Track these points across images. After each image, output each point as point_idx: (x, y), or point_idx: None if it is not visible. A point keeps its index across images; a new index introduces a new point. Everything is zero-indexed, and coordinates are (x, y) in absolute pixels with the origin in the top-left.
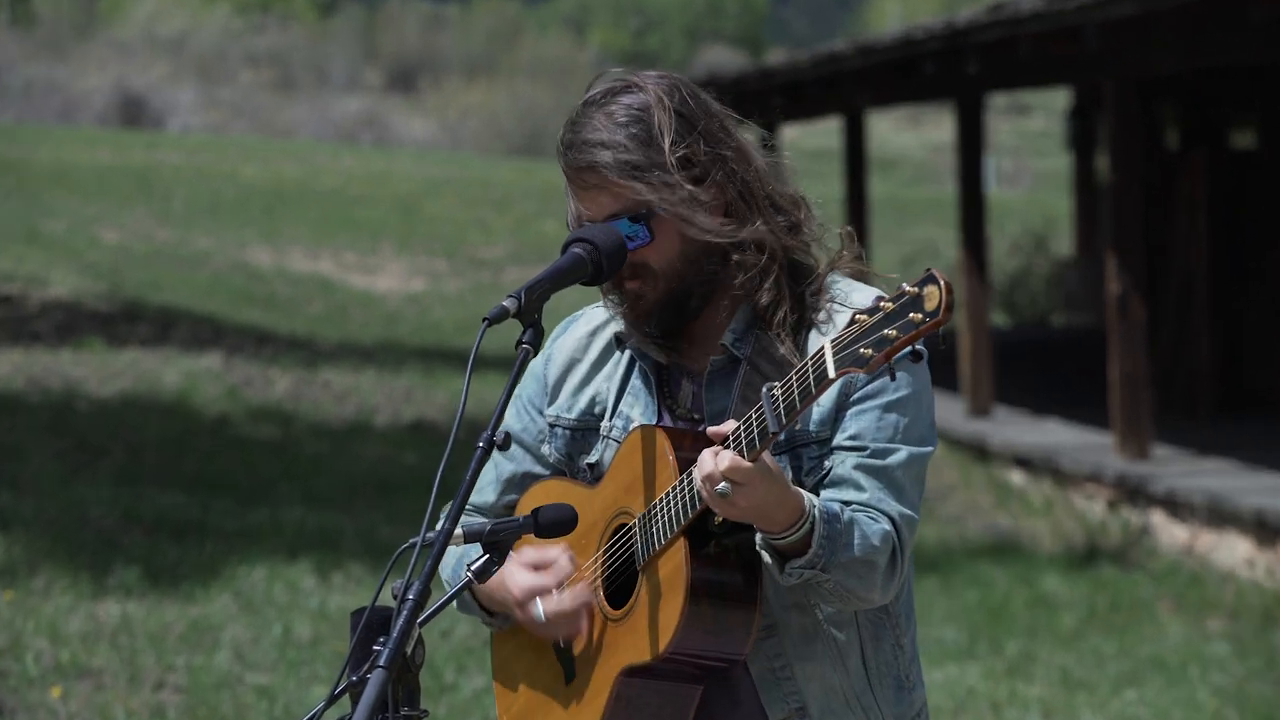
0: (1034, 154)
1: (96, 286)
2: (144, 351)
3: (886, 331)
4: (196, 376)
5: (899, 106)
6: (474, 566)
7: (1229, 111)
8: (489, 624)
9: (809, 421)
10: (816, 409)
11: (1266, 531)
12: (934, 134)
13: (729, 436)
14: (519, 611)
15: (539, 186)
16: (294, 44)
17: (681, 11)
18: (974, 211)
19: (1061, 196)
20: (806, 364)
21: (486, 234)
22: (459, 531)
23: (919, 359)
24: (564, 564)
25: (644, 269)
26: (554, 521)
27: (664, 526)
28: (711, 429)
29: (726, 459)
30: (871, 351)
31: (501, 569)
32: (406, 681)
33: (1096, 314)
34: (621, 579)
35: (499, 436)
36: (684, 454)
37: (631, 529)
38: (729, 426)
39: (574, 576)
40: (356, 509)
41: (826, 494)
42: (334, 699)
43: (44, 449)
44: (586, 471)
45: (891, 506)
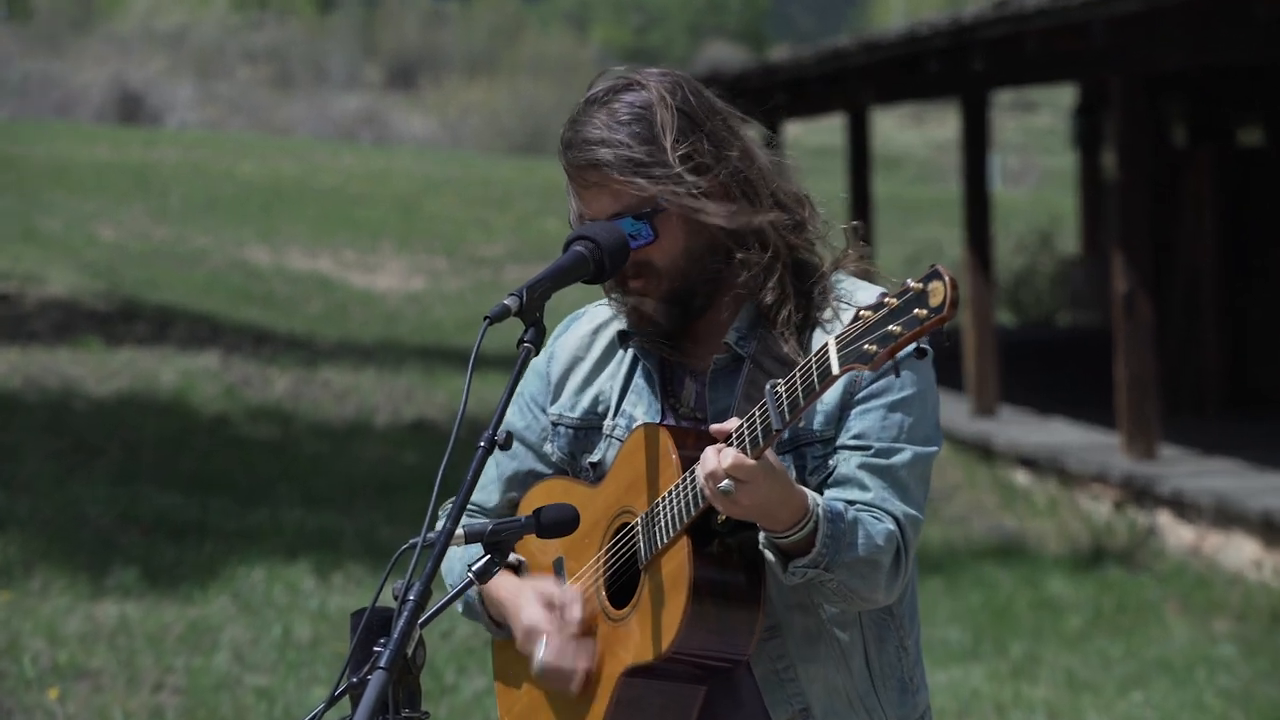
0: (1040, 151)
1: (94, 285)
2: (141, 350)
3: (891, 328)
4: (194, 376)
5: (903, 104)
6: (475, 567)
7: (1236, 109)
8: (496, 634)
9: (813, 420)
10: (820, 408)
11: (1274, 532)
12: (939, 131)
13: (732, 434)
14: (519, 638)
15: (540, 185)
16: (293, 40)
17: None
18: (979, 210)
19: (1067, 194)
20: (810, 361)
21: (487, 232)
22: (460, 532)
23: (924, 355)
24: (574, 614)
25: (648, 268)
26: (556, 521)
27: (667, 525)
28: (714, 426)
29: (729, 456)
30: (876, 348)
31: (517, 589)
32: (407, 683)
33: (1102, 313)
34: (624, 579)
35: (500, 436)
36: (687, 452)
37: (634, 528)
38: (732, 424)
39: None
40: (356, 509)
41: (830, 493)
42: (334, 700)
43: (41, 448)
44: (589, 471)
45: (896, 506)
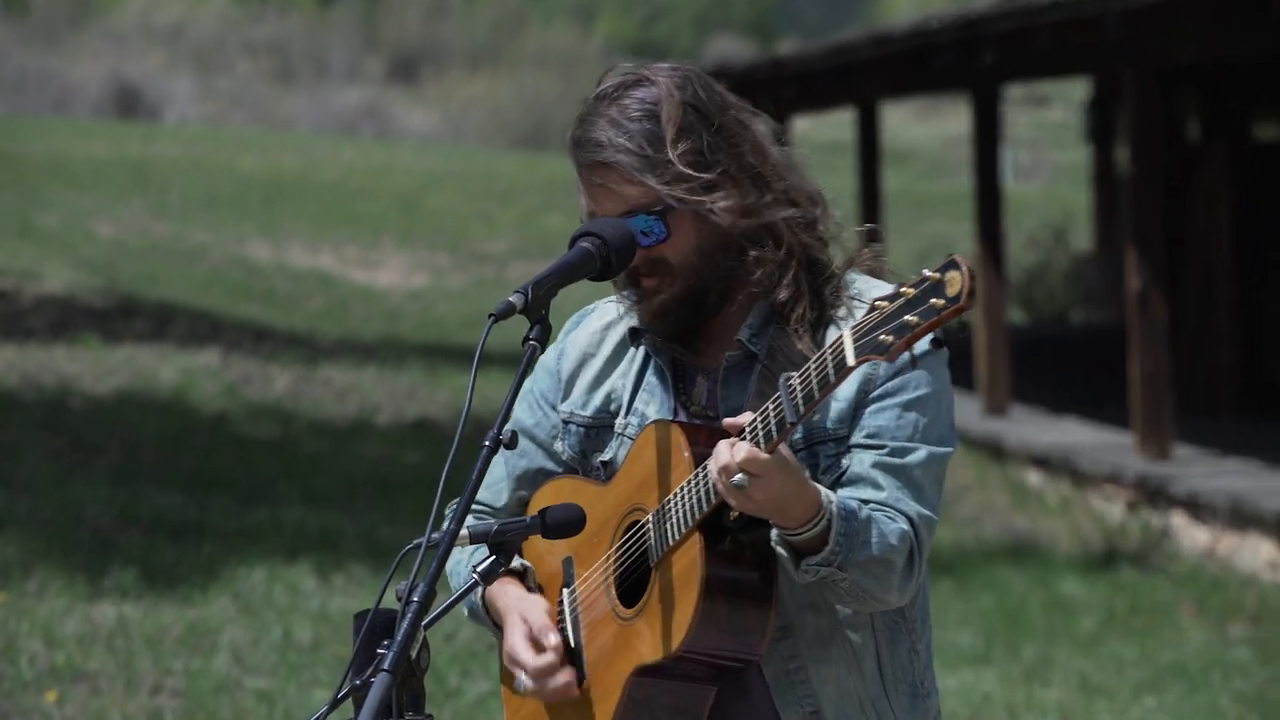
0: (1052, 146)
1: (91, 281)
2: (140, 348)
3: (907, 318)
4: (194, 373)
5: (913, 97)
6: (480, 568)
7: (1251, 103)
8: (500, 638)
9: (826, 419)
10: (834, 406)
11: None
12: (949, 126)
13: (745, 428)
14: (504, 660)
15: (544, 179)
16: (293, 33)
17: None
18: (990, 205)
19: (1080, 189)
20: (825, 353)
21: (490, 228)
22: (465, 533)
23: (940, 346)
24: (550, 660)
25: (661, 265)
26: (561, 522)
27: (678, 521)
28: (728, 420)
29: (743, 450)
30: (892, 338)
31: (510, 608)
32: (411, 686)
33: (1116, 310)
34: (634, 577)
35: (505, 435)
36: (699, 449)
37: (645, 525)
38: (745, 418)
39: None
40: (358, 509)
41: (843, 492)
42: (337, 703)
43: (38, 447)
44: (600, 469)
45: (910, 506)
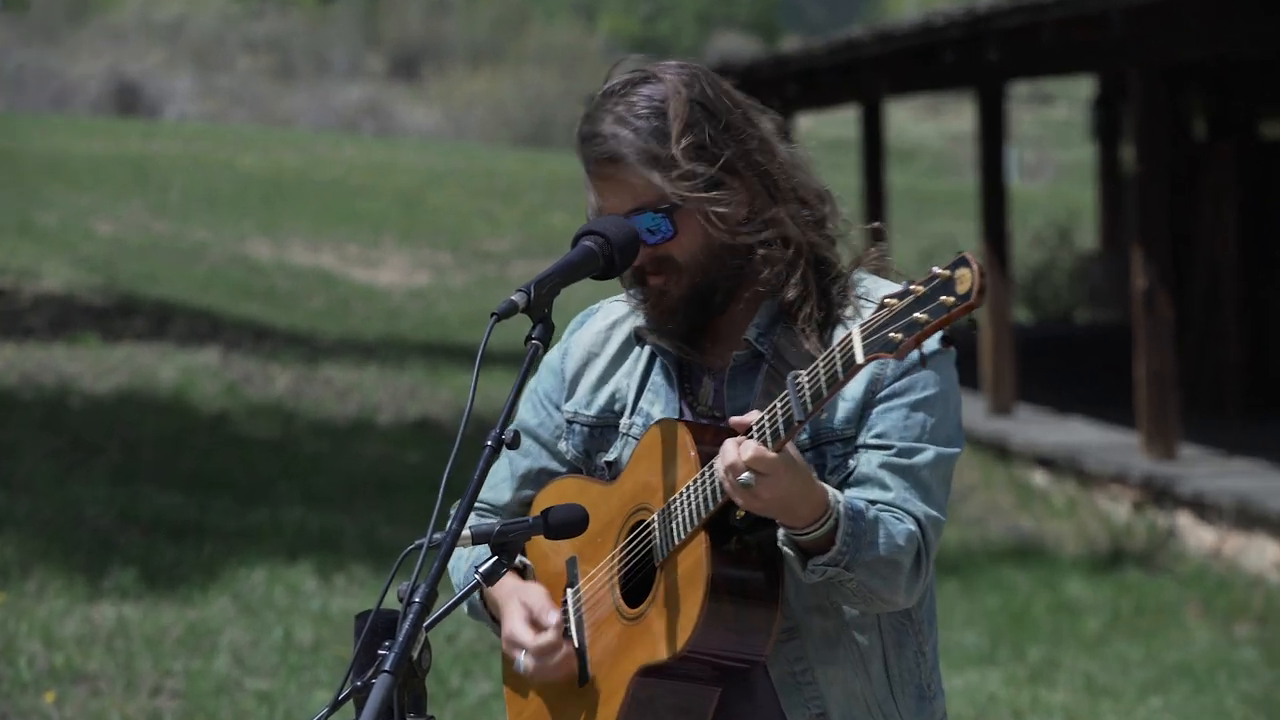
0: (1057, 144)
1: (91, 280)
2: (140, 346)
3: (917, 315)
4: (194, 372)
5: (918, 95)
6: (482, 569)
7: (1257, 101)
8: (499, 634)
9: (833, 419)
10: (842, 406)
11: None
12: (954, 123)
13: (753, 426)
14: (503, 645)
15: (546, 177)
16: (293, 30)
17: None
18: (995, 203)
19: (1085, 188)
20: (834, 350)
21: (492, 226)
22: (467, 533)
23: (950, 344)
24: (550, 638)
25: (668, 263)
26: (564, 522)
27: (684, 521)
28: (735, 419)
29: (750, 448)
30: (901, 336)
31: (509, 595)
32: (412, 687)
33: (1122, 309)
34: (639, 576)
35: (508, 434)
36: (705, 448)
37: (650, 525)
38: (752, 416)
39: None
40: (358, 509)
41: (850, 492)
42: (338, 705)
43: (37, 447)
44: (604, 470)
45: (917, 507)
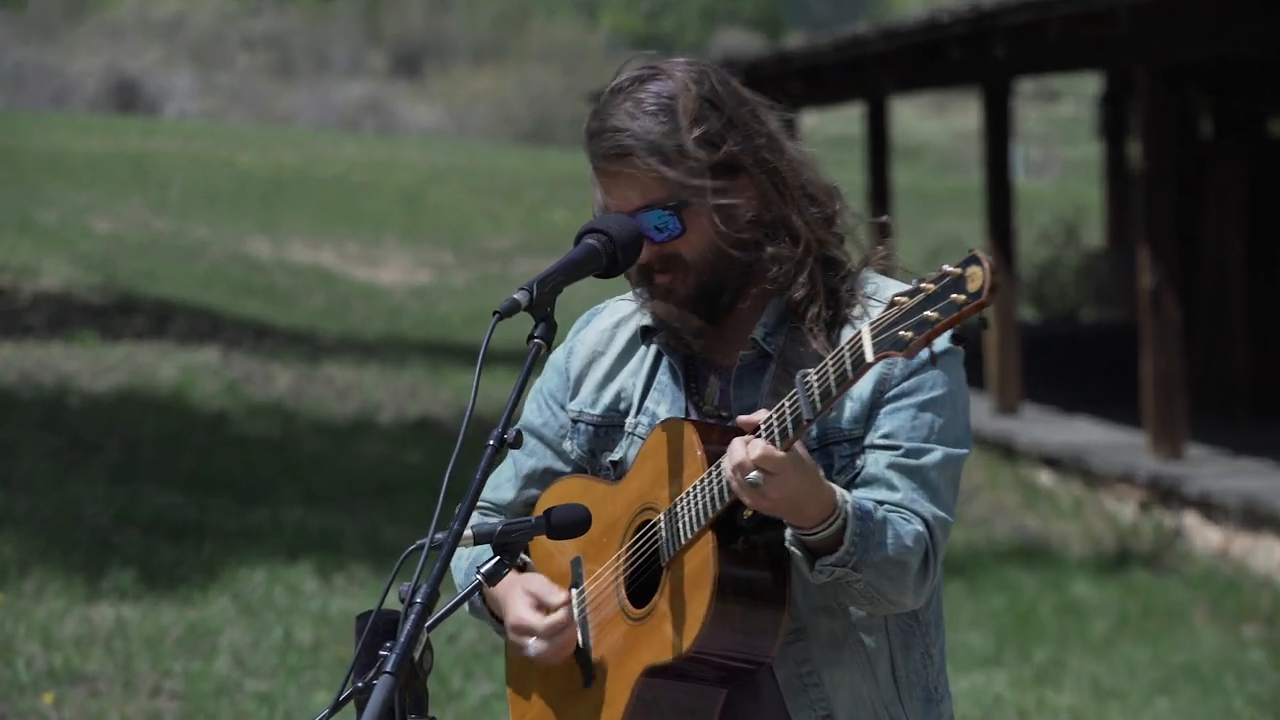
0: (1063, 141)
1: (90, 278)
2: (139, 345)
3: (927, 313)
4: (194, 371)
5: (923, 92)
6: (484, 569)
7: (1264, 100)
8: (501, 634)
9: (841, 419)
10: (849, 406)
11: None
12: (960, 121)
13: (760, 425)
14: (509, 633)
15: (548, 175)
16: (293, 27)
17: None
18: (1001, 201)
19: (1092, 186)
20: (843, 348)
21: (494, 224)
22: (469, 533)
23: (960, 342)
24: (560, 618)
25: (675, 261)
26: (566, 523)
27: (691, 520)
28: (742, 418)
29: (758, 447)
30: (912, 334)
31: (509, 586)
32: (414, 688)
33: (1128, 308)
34: (645, 577)
35: (510, 434)
36: (713, 447)
37: (656, 525)
38: (760, 415)
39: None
40: (359, 509)
41: (858, 493)
42: (339, 706)
43: (36, 446)
44: (609, 469)
45: (925, 508)
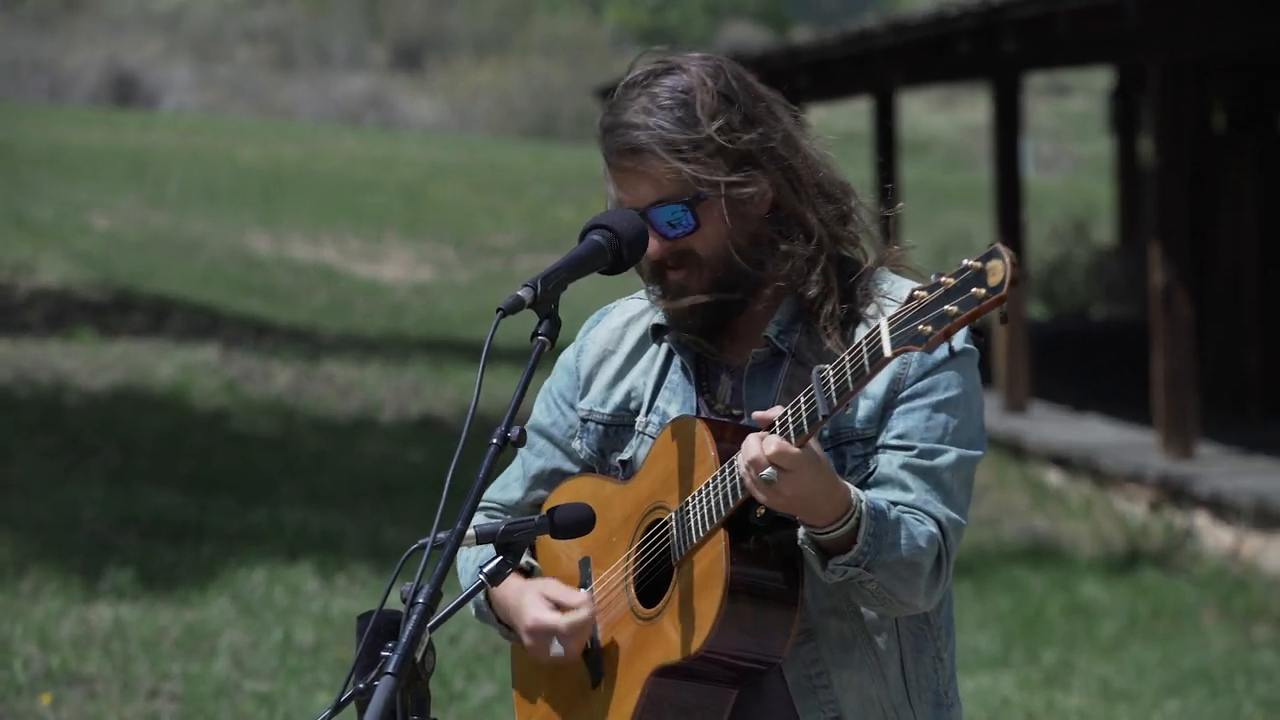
0: (1073, 137)
1: (87, 274)
2: (137, 343)
3: (947, 308)
4: (193, 369)
5: (932, 86)
6: (487, 569)
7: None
8: (507, 637)
9: (854, 418)
10: (863, 405)
11: None
12: (969, 115)
13: (775, 421)
14: (525, 637)
15: (552, 171)
16: (294, 20)
17: None
18: (1010, 197)
19: (1103, 182)
20: (861, 344)
21: (497, 220)
22: (471, 532)
23: (980, 336)
24: (582, 616)
25: (689, 257)
26: (570, 522)
27: (703, 518)
28: (757, 414)
29: (773, 443)
30: (931, 329)
31: (520, 591)
32: (416, 689)
33: (1139, 305)
34: (655, 577)
35: (514, 433)
36: (725, 445)
37: (667, 524)
38: (775, 412)
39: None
40: (360, 509)
41: (871, 493)
42: (339, 707)
43: (32, 445)
44: (619, 469)
45: (938, 509)
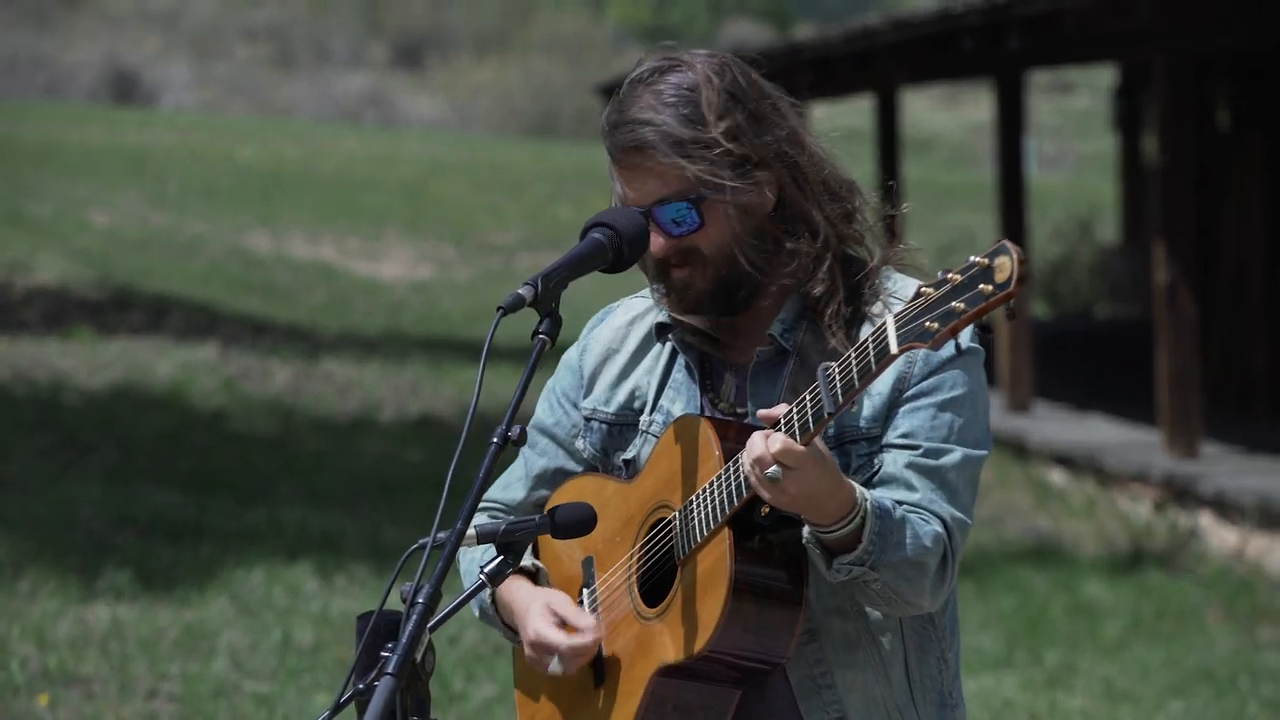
0: (1077, 135)
1: (85, 273)
2: (136, 342)
3: (954, 304)
4: (191, 368)
5: (935, 84)
6: (488, 569)
7: None
8: (511, 640)
9: (859, 417)
10: (868, 404)
11: None
12: (972, 113)
13: (780, 419)
14: (526, 648)
15: (553, 169)
16: (293, 17)
17: None
18: (1014, 196)
19: (1107, 180)
20: (867, 340)
21: (497, 219)
22: (472, 532)
23: (988, 333)
24: (585, 641)
25: (693, 255)
26: (571, 521)
27: (707, 517)
28: (762, 411)
29: (778, 441)
30: (937, 325)
31: (529, 599)
32: (416, 690)
33: (1143, 304)
34: (658, 576)
35: (514, 432)
36: (729, 444)
37: (670, 523)
38: (780, 409)
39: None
40: (360, 508)
41: (876, 492)
42: (339, 708)
43: (30, 444)
44: (622, 468)
45: (944, 509)
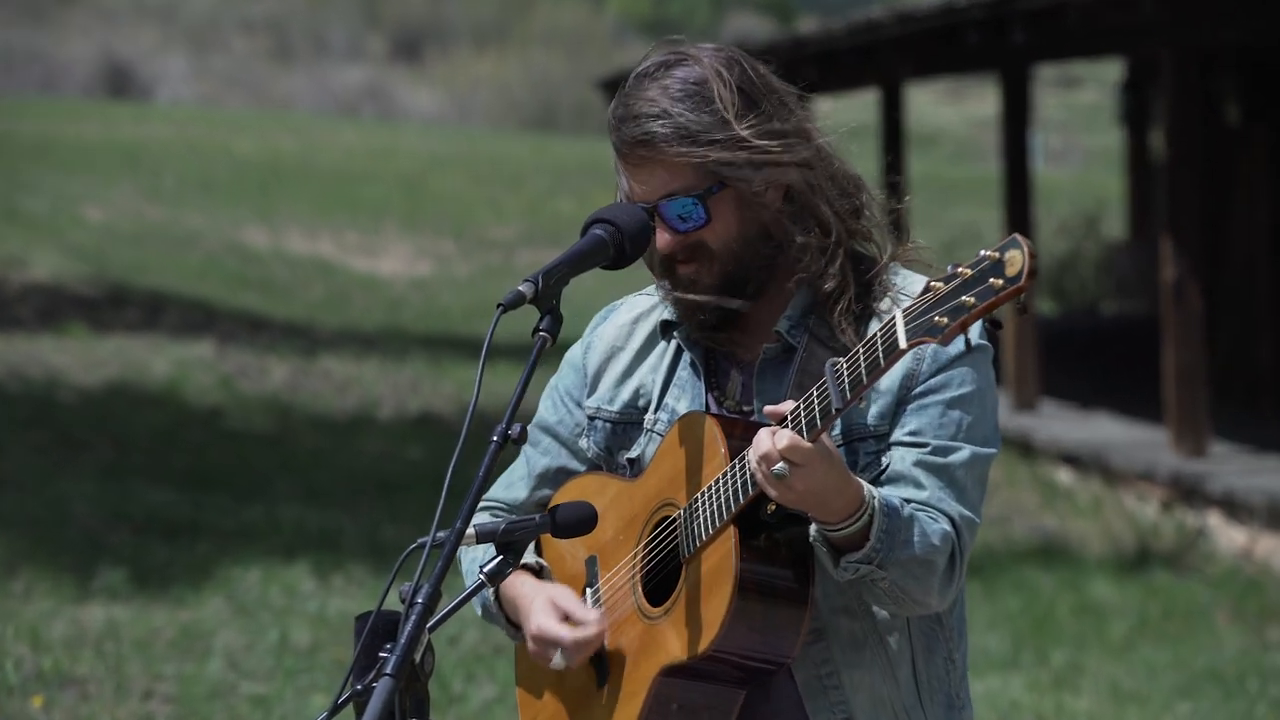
0: (1084, 129)
1: (80, 268)
2: (131, 338)
3: (964, 299)
4: (187, 365)
5: (940, 78)
6: (487, 568)
7: None
8: (514, 638)
9: (867, 415)
10: (876, 401)
11: None
12: (977, 108)
13: (788, 415)
14: (529, 642)
15: (553, 163)
16: (291, 10)
17: None
18: (1019, 191)
19: (1113, 175)
20: (875, 335)
21: (497, 214)
22: (471, 532)
23: (998, 328)
24: (589, 634)
25: (700, 250)
26: (572, 520)
27: (712, 515)
28: (769, 408)
29: (785, 437)
30: (947, 320)
31: (533, 593)
32: (415, 691)
33: (1150, 301)
34: (662, 575)
35: (514, 430)
36: (735, 442)
37: (675, 521)
38: (787, 406)
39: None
40: (358, 507)
41: (884, 490)
42: (337, 709)
43: (24, 442)
44: (626, 467)
45: (952, 507)
